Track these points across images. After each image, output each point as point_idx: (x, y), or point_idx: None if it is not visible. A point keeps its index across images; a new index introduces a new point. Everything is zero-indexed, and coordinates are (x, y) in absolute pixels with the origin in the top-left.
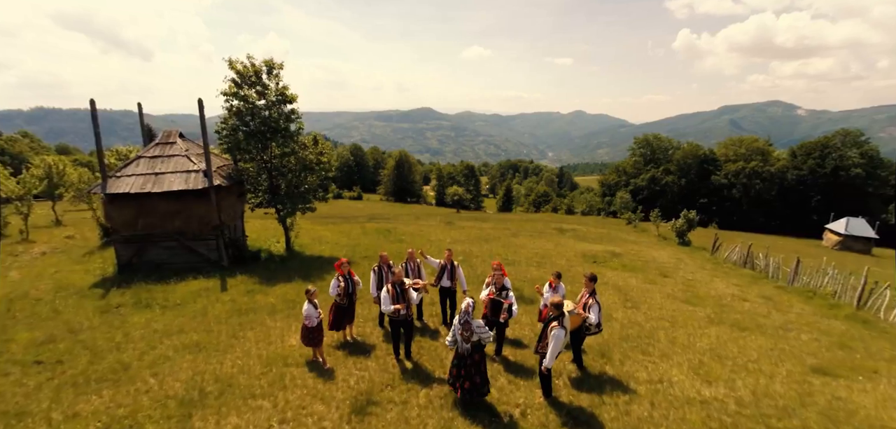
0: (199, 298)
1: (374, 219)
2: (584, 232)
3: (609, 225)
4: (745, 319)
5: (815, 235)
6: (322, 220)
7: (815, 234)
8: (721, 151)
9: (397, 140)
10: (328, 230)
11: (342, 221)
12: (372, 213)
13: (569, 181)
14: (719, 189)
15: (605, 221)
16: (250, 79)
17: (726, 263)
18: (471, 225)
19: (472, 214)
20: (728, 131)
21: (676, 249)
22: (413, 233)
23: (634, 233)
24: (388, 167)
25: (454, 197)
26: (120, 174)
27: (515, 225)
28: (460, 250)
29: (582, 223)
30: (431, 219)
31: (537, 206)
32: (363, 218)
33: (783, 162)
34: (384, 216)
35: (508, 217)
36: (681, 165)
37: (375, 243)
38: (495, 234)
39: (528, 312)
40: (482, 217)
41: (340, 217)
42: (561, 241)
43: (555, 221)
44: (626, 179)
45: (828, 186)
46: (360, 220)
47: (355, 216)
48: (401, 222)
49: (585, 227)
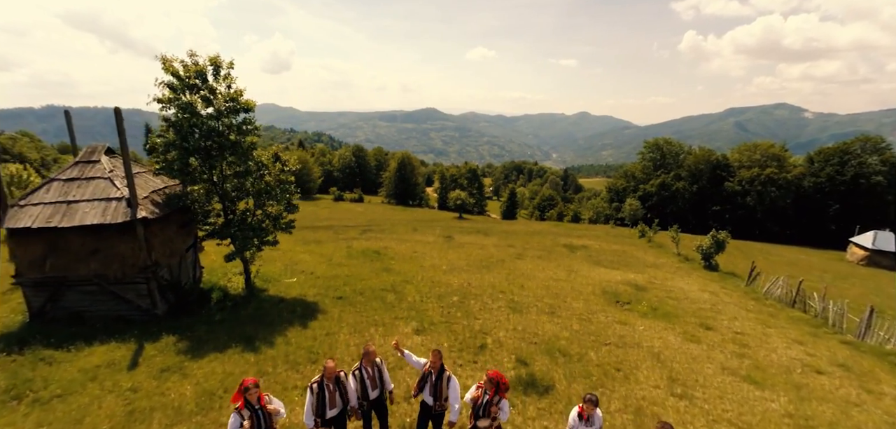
0: (90, 383)
1: (368, 231)
2: (596, 250)
3: (622, 239)
4: (837, 416)
5: (835, 246)
6: (310, 231)
7: (834, 245)
8: (734, 156)
9: (401, 140)
10: (308, 252)
11: (331, 233)
12: (369, 219)
13: (573, 184)
14: (732, 196)
15: (616, 233)
16: (192, 82)
17: (769, 301)
18: (471, 242)
19: (474, 224)
20: (734, 134)
21: (705, 277)
22: (406, 255)
23: (652, 251)
24: (389, 169)
25: (457, 201)
26: (24, 203)
27: (521, 240)
28: (457, 284)
29: (592, 236)
30: (430, 230)
31: (542, 210)
32: (356, 229)
33: (800, 169)
34: (379, 226)
35: (513, 227)
36: (692, 171)
37: (359, 273)
38: (498, 255)
39: (544, 410)
40: (484, 227)
41: (331, 227)
42: (573, 265)
43: (563, 232)
44: (635, 185)
45: (847, 195)
46: (351, 232)
47: (348, 225)
48: (396, 237)
49: (597, 241)
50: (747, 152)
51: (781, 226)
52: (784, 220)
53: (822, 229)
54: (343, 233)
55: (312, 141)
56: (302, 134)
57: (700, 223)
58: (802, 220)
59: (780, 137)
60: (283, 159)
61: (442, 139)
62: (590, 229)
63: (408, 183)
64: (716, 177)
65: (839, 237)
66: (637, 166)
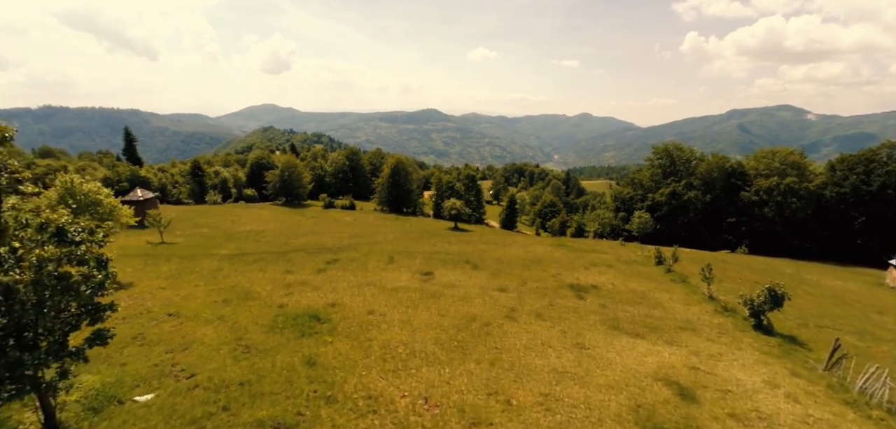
0: None
1: (335, 262)
2: (610, 294)
3: (637, 268)
4: None
5: (863, 262)
6: (265, 261)
7: (862, 260)
8: (750, 163)
9: (402, 141)
10: (217, 320)
11: (284, 265)
12: (351, 235)
13: (576, 187)
14: (749, 207)
15: (628, 257)
16: None
17: (869, 403)
18: (454, 284)
19: (468, 240)
20: (737, 135)
21: (763, 350)
22: (355, 321)
23: (678, 291)
24: (382, 176)
25: (451, 211)
26: None
27: (516, 278)
28: (410, 398)
29: (602, 262)
30: (410, 261)
31: (544, 218)
32: (325, 254)
33: (822, 177)
34: (354, 250)
35: (508, 253)
36: (705, 179)
37: (267, 373)
38: (484, 313)
39: None
40: (476, 252)
41: (300, 249)
42: (584, 333)
43: (566, 260)
44: (643, 193)
45: (873, 206)
46: (313, 263)
47: (321, 248)
48: (361, 277)
49: (609, 273)
50: (765, 159)
51: (802, 239)
52: (805, 232)
53: (846, 243)
54: (301, 267)
55: (311, 142)
56: (301, 135)
57: (713, 236)
58: (825, 233)
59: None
60: None
61: (443, 140)
62: (597, 249)
63: (402, 189)
64: (730, 186)
65: (866, 252)
66: (645, 173)
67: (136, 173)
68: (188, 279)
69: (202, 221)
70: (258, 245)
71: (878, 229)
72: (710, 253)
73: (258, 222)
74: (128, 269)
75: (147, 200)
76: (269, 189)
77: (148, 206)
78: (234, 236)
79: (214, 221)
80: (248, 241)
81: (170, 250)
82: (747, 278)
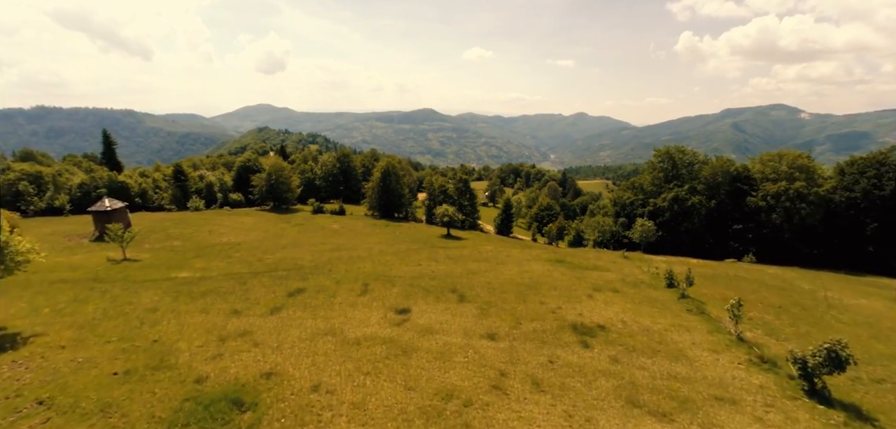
0: None
1: (299, 293)
2: (620, 336)
3: (647, 293)
4: None
5: (875, 271)
6: (210, 295)
7: (874, 269)
8: (756, 167)
9: (399, 141)
10: (128, 383)
11: (243, 295)
12: (331, 248)
13: (572, 187)
14: (755, 213)
15: (635, 278)
16: None
17: None
18: (431, 330)
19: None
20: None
21: None
22: (301, 388)
23: (698, 326)
24: (372, 180)
25: (443, 218)
26: None
27: (508, 314)
28: None
29: (608, 287)
30: (386, 291)
31: (541, 222)
32: (294, 277)
33: (832, 181)
34: (328, 272)
35: (502, 274)
36: (709, 184)
37: None
38: (464, 383)
39: None
40: (465, 275)
41: (267, 271)
42: (597, 416)
43: (566, 285)
44: (644, 198)
45: (886, 212)
46: (273, 294)
47: (293, 267)
48: (321, 316)
49: (617, 305)
50: (771, 163)
51: (811, 246)
52: (813, 238)
53: (857, 250)
54: (256, 303)
55: (306, 142)
56: (296, 135)
57: (719, 243)
58: (834, 239)
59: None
60: None
61: (439, 140)
62: (599, 266)
63: (393, 194)
64: (736, 190)
65: (876, 259)
66: (646, 177)
67: (113, 179)
68: (105, 329)
69: (177, 232)
70: (227, 263)
71: (891, 236)
72: (718, 263)
73: (238, 232)
74: (45, 310)
75: (115, 211)
76: (256, 194)
77: (116, 217)
78: (205, 251)
79: (190, 231)
80: (218, 257)
81: (121, 274)
82: (766, 301)
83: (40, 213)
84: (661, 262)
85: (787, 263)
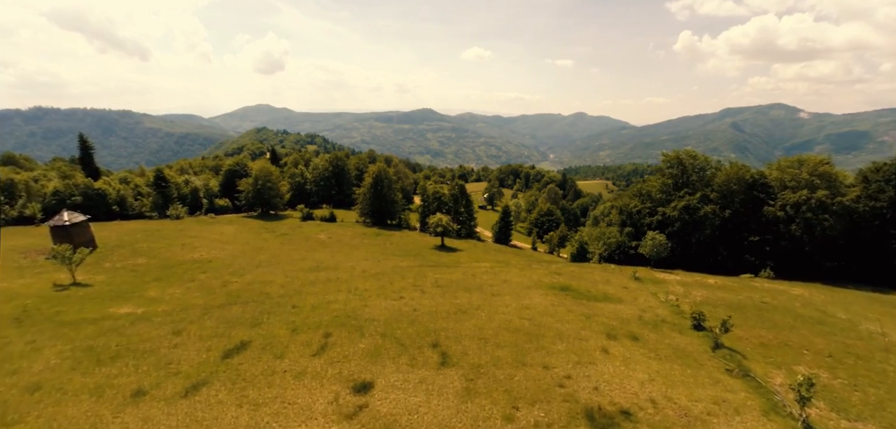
0: None
1: (250, 341)
2: (651, 422)
3: (670, 341)
4: None
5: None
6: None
7: None
8: (774, 173)
9: (398, 141)
10: None
11: (167, 350)
12: (313, 266)
13: (572, 188)
14: (774, 223)
15: (652, 314)
16: None
17: None
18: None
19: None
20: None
21: None
22: None
23: (756, 406)
24: (364, 185)
25: (436, 228)
26: None
27: (501, 391)
28: None
29: (624, 340)
30: (346, 348)
31: (541, 229)
32: (254, 310)
33: (855, 190)
34: (298, 297)
35: (496, 326)
36: (722, 192)
37: None
38: None
39: None
40: (450, 325)
41: (219, 303)
42: None
43: (574, 331)
44: (652, 207)
45: None
46: (221, 341)
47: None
48: (279, 362)
49: (639, 366)
50: (790, 169)
51: (832, 259)
52: (834, 250)
53: (881, 264)
54: (175, 373)
55: (305, 143)
56: (295, 135)
57: (733, 255)
58: (857, 252)
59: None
60: None
61: (438, 140)
62: (610, 294)
63: (385, 201)
64: (752, 199)
65: None
66: (653, 184)
67: (89, 186)
68: None
69: (146, 247)
70: (184, 291)
71: None
72: (735, 281)
73: (213, 245)
74: None
75: (75, 225)
76: (242, 199)
77: (76, 232)
78: (168, 271)
79: (161, 245)
80: (179, 280)
81: (54, 309)
82: (811, 345)
83: (12, 222)
84: (676, 283)
85: (806, 278)
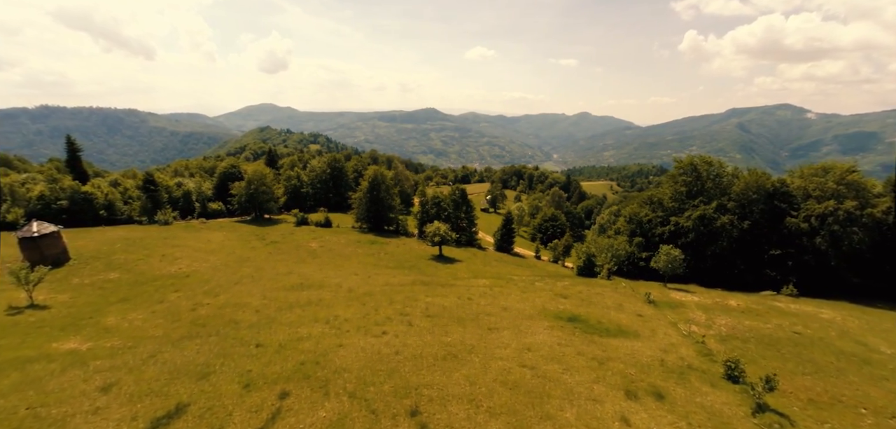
0: None
1: (188, 405)
2: None
3: (702, 399)
4: None
5: None
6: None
7: None
8: (797, 182)
9: (401, 141)
10: None
11: (105, 400)
12: (298, 283)
13: (577, 190)
14: (797, 236)
15: (676, 352)
16: None
17: None
18: None
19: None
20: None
21: None
22: None
23: None
24: (360, 189)
25: (434, 237)
26: None
27: None
28: None
29: (646, 398)
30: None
31: (545, 234)
32: (214, 346)
33: (886, 200)
34: (269, 328)
35: (492, 373)
36: (741, 201)
37: None
38: None
39: None
40: (441, 365)
41: (184, 333)
42: None
43: (584, 381)
44: (664, 216)
45: None
46: (156, 406)
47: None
48: None
49: None
50: (815, 178)
51: (860, 275)
52: (860, 265)
53: None
54: None
55: (308, 142)
56: (298, 135)
57: (751, 270)
58: (886, 267)
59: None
60: None
61: (442, 140)
62: (624, 327)
63: (382, 206)
64: (773, 209)
65: None
66: (665, 191)
67: (76, 189)
68: None
69: (123, 258)
70: (148, 316)
71: None
72: (758, 299)
73: (197, 255)
74: None
75: (43, 237)
76: (234, 203)
77: (46, 244)
78: (138, 290)
79: (140, 256)
80: (147, 302)
81: None
82: (867, 399)
83: None
84: (695, 305)
85: (831, 295)
